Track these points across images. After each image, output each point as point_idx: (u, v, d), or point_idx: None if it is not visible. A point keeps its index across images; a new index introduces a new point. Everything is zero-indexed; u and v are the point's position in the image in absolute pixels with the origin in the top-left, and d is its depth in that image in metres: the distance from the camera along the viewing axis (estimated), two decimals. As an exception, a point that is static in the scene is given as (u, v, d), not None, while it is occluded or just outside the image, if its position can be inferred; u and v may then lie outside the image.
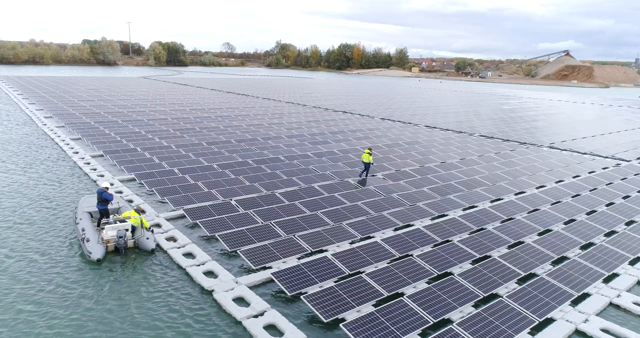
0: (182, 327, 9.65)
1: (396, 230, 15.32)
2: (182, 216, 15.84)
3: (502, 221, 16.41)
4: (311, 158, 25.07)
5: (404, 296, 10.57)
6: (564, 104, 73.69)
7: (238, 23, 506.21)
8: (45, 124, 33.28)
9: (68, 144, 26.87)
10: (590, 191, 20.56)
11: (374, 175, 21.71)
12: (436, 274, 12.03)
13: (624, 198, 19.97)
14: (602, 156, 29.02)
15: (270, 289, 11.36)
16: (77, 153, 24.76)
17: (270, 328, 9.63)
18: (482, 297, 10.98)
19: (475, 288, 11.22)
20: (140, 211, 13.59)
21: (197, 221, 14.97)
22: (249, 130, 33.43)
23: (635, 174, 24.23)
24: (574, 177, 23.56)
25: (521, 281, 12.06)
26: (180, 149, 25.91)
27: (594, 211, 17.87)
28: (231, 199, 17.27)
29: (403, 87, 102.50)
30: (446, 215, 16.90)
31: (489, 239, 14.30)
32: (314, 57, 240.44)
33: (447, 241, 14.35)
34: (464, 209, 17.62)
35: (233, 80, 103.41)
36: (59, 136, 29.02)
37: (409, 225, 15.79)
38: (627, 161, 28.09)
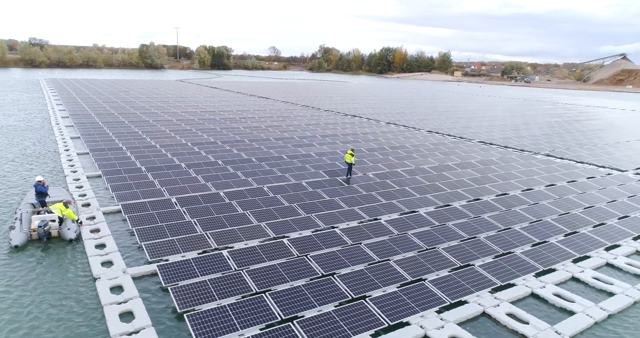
0: (50, 308, 10.48)
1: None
2: (119, 211, 16.84)
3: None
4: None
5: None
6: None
7: (288, 28, 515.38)
8: (57, 124, 35.82)
9: (65, 141, 28.89)
10: None
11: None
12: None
13: None
14: None
15: (151, 281, 11.99)
16: (67, 150, 26.61)
17: (126, 314, 10.27)
18: None
19: None
20: (67, 203, 14.69)
21: (127, 215, 15.91)
22: (242, 132, 34.42)
23: None
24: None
25: None
26: (163, 149, 27.22)
27: None
28: (172, 197, 18.13)
29: (438, 92, 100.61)
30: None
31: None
32: (355, 61, 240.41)
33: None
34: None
35: (262, 83, 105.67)
36: (61, 133, 31.24)
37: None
38: None
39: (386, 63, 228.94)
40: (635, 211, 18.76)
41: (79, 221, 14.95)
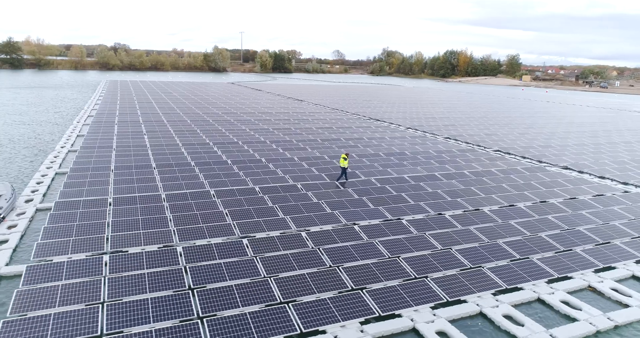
0: None
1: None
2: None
3: None
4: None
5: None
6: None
7: (358, 32, 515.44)
8: (78, 121, 37.83)
9: (69, 138, 30.32)
10: None
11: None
12: None
13: None
14: None
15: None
16: (63, 147, 27.84)
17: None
18: None
19: None
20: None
21: (53, 213, 16.01)
22: (237, 132, 34.19)
23: None
24: None
25: None
26: (146, 149, 27.60)
27: None
28: (109, 197, 18.09)
29: (493, 96, 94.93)
30: None
31: None
32: (417, 64, 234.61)
33: None
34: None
35: (307, 86, 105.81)
36: (73, 130, 32.90)
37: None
38: None
39: (450, 67, 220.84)
40: None
41: (2, 216, 15.25)
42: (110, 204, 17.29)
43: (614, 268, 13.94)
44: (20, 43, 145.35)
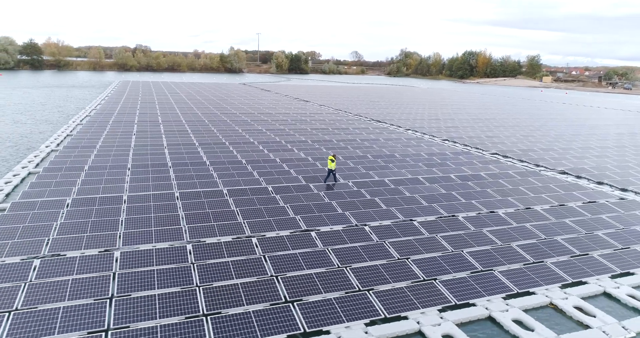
0: None
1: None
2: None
3: None
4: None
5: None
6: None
7: (378, 33, 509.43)
8: (74, 121, 37.95)
9: (57, 138, 30.29)
10: None
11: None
12: None
13: None
14: None
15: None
16: (48, 146, 27.77)
17: None
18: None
19: None
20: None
21: (3, 213, 15.67)
22: (226, 131, 33.70)
23: None
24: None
25: None
26: (129, 149, 27.29)
27: None
28: (68, 198, 17.68)
29: (507, 98, 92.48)
30: None
31: None
32: (435, 65, 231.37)
33: None
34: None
35: (319, 87, 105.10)
36: (66, 129, 32.93)
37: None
38: None
39: (468, 68, 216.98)
40: None
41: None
42: (67, 206, 16.88)
43: (585, 283, 12.77)
44: (41, 45, 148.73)
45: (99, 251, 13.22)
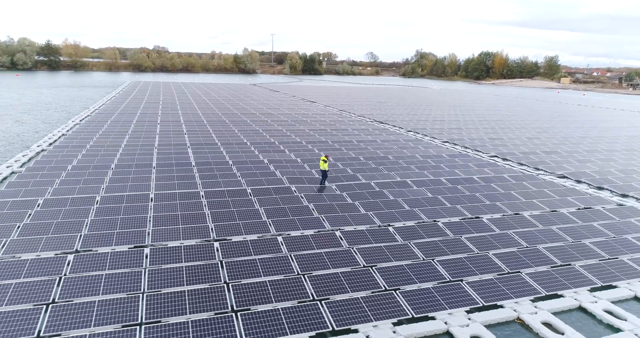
0: None
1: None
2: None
3: None
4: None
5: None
6: None
7: (395, 34, 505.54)
8: (73, 120, 38.16)
9: (51, 137, 30.37)
10: None
11: None
12: None
13: None
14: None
15: None
16: (39, 146, 27.81)
17: None
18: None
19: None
20: None
21: (-29, 214, 15.51)
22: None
23: None
24: None
25: None
26: (118, 149, 27.15)
27: None
28: (40, 199, 17.48)
29: (519, 99, 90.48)
30: None
31: None
32: (450, 66, 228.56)
33: None
34: None
35: (329, 88, 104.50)
36: (62, 129, 33.05)
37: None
38: None
39: (484, 68, 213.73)
40: None
41: None
42: (38, 206, 16.66)
43: (561, 296, 11.95)
44: (58, 46, 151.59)
45: (55, 254, 12.90)
